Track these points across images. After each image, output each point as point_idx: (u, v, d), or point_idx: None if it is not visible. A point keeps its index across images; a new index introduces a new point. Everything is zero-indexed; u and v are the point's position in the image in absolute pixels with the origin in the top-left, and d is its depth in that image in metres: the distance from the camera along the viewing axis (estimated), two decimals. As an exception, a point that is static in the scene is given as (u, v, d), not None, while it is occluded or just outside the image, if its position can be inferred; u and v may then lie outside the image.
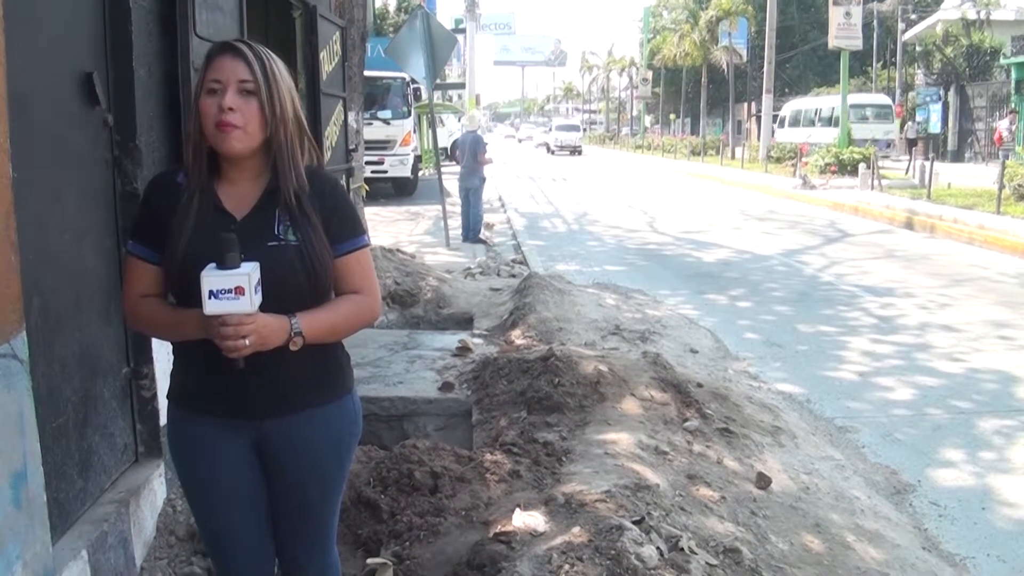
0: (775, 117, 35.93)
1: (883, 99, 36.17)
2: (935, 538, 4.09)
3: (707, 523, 3.46)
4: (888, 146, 30.19)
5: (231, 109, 2.00)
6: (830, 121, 32.45)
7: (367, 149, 12.48)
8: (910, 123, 31.10)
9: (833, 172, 24.46)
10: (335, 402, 2.24)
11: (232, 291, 1.88)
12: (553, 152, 52.71)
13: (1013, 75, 30.21)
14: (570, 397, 4.63)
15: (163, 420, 3.42)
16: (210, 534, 2.35)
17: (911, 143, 29.40)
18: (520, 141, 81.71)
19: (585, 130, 75.60)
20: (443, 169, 14.70)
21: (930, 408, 5.83)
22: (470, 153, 13.61)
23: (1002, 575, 3.82)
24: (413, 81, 18.73)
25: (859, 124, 32.16)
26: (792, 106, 38.60)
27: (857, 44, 30.63)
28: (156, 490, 3.48)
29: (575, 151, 52.57)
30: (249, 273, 1.90)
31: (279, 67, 2.08)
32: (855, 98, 34.03)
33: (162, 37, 3.63)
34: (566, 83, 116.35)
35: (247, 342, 1.93)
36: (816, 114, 35.42)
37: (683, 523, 3.35)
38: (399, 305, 7.80)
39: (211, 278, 1.88)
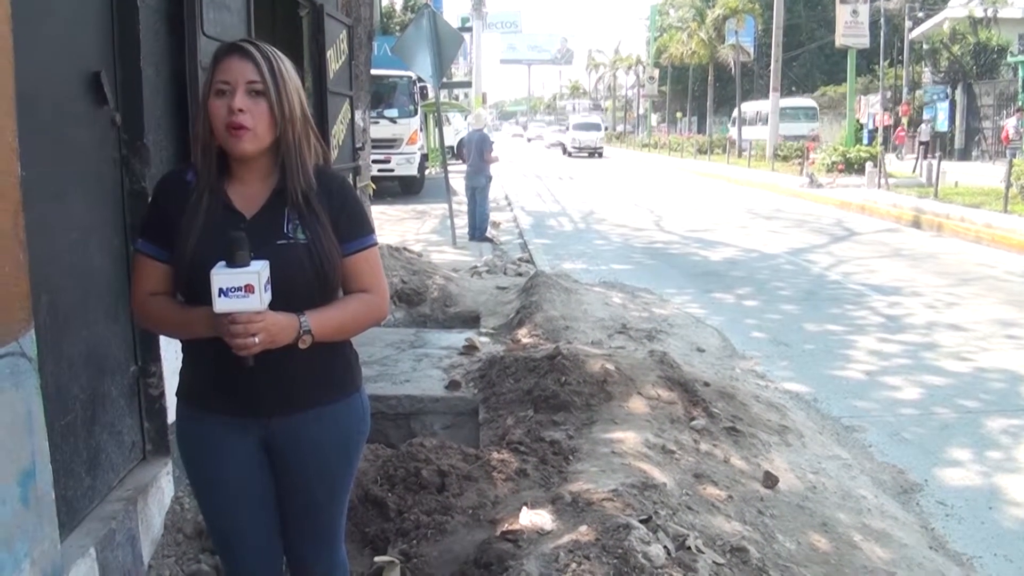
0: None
1: (809, 102, 42.72)
2: (942, 537, 4.08)
3: (714, 522, 3.46)
4: (815, 140, 34.87)
5: (241, 111, 2.00)
6: (764, 121, 39.24)
7: (374, 148, 12.49)
8: (923, 125, 31.00)
9: (840, 171, 24.42)
10: (343, 400, 2.24)
11: (242, 289, 1.88)
12: (570, 154, 47.44)
13: (1020, 73, 30.16)
14: (577, 396, 4.63)
15: (171, 418, 3.43)
16: (218, 532, 2.36)
17: (925, 145, 29.19)
18: (529, 141, 77.77)
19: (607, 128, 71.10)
20: (449, 167, 14.71)
21: (937, 407, 5.82)
22: (476, 152, 13.61)
23: (1009, 575, 3.81)
24: (420, 79, 18.75)
25: (790, 123, 38.25)
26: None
27: (864, 42, 30.57)
28: (164, 488, 3.49)
29: (595, 153, 47.15)
30: (259, 271, 1.90)
31: (287, 67, 2.08)
32: (787, 102, 40.36)
33: (169, 36, 3.64)
34: (572, 81, 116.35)
35: (256, 340, 1.93)
36: (757, 115, 42.07)
37: (690, 522, 3.35)
38: (406, 303, 7.81)
39: (221, 276, 1.89)
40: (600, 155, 46.85)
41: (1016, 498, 4.47)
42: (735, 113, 43.04)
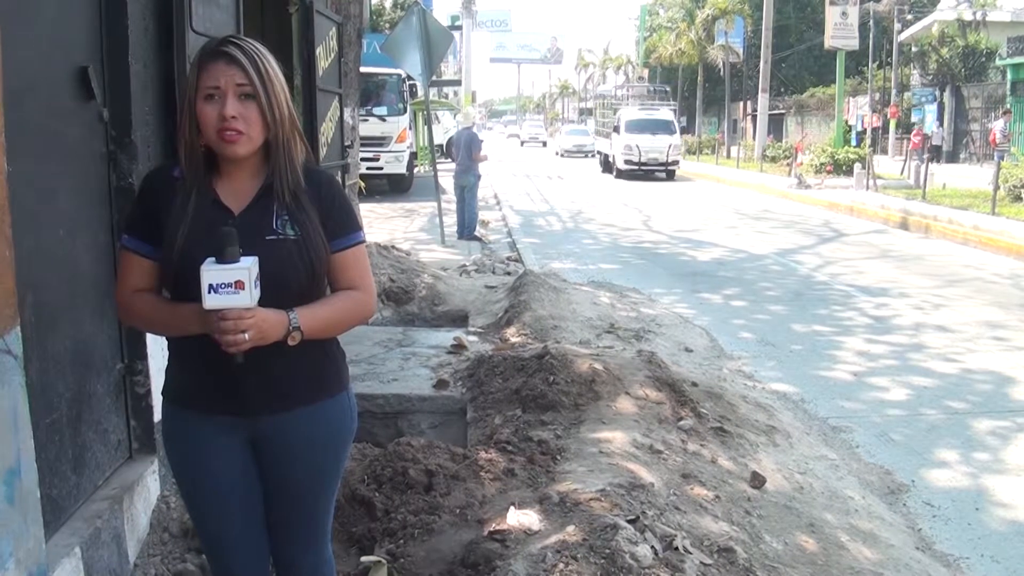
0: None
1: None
2: (929, 538, 4.10)
3: (701, 522, 3.46)
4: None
5: (233, 117, 1.99)
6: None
7: (363, 145, 12.47)
8: (936, 129, 31.13)
9: (829, 172, 24.51)
10: (331, 399, 2.23)
11: (232, 285, 1.87)
12: (618, 171, 28.87)
13: (1008, 76, 30.29)
14: (565, 395, 4.63)
15: (157, 416, 3.41)
16: (205, 531, 2.34)
17: (936, 149, 29.12)
18: (523, 143, 67.61)
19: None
20: (438, 166, 14.69)
21: (924, 408, 5.84)
22: (465, 150, 13.59)
23: (996, 576, 3.83)
24: (409, 78, 18.73)
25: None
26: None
27: (853, 44, 30.71)
28: (150, 486, 3.47)
29: (662, 170, 28.75)
30: (249, 267, 1.89)
31: (272, 66, 2.06)
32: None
33: (158, 31, 3.62)
34: (562, 81, 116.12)
35: (247, 336, 1.92)
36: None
37: (677, 522, 3.35)
38: (394, 302, 7.79)
39: (211, 272, 1.88)
40: (672, 175, 29.23)
41: (1003, 499, 4.49)
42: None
